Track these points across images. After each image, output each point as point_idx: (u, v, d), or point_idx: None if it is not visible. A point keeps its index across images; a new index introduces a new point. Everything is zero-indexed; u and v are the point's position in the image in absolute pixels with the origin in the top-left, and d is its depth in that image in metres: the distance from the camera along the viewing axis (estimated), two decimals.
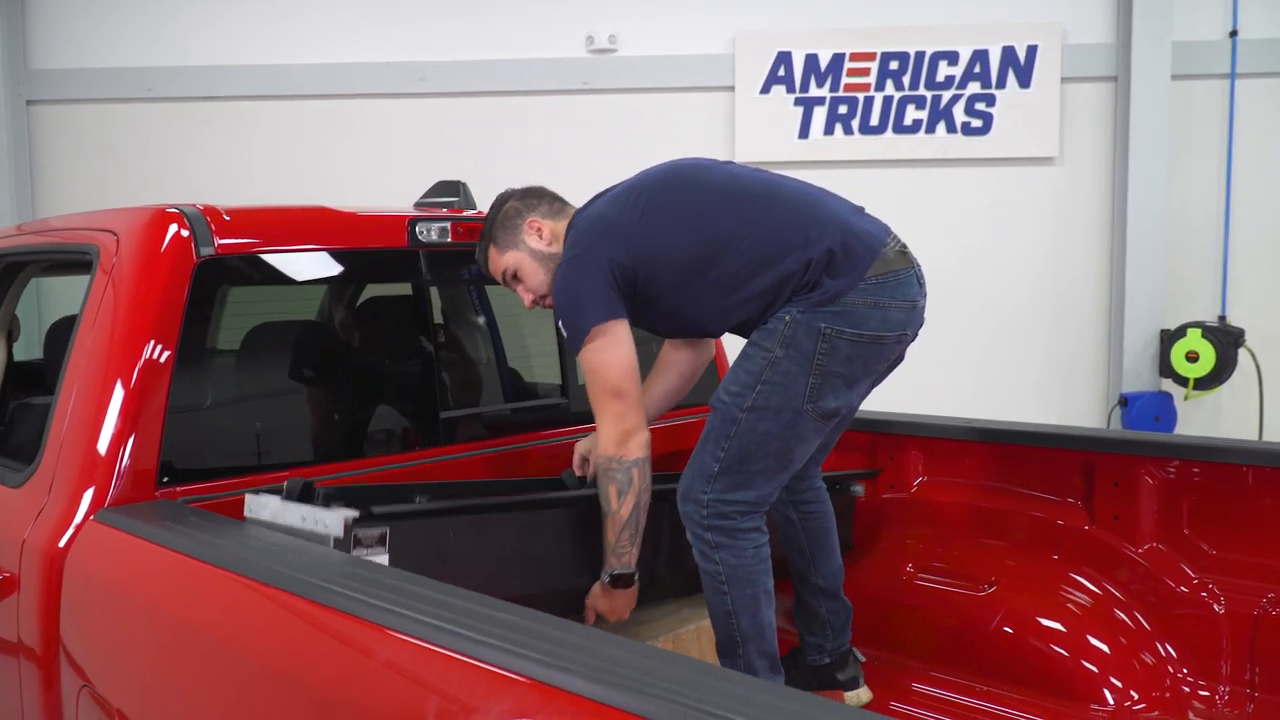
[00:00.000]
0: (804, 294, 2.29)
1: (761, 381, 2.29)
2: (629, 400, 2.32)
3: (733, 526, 2.33)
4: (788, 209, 2.37)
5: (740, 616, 2.34)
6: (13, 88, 7.21)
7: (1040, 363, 6.97)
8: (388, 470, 2.50)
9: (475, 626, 1.32)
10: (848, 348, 2.27)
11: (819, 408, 2.30)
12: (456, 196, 2.91)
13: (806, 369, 2.27)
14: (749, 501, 2.34)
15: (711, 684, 1.13)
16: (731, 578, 2.33)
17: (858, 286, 2.28)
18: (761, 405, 2.29)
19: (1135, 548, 2.73)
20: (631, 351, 2.35)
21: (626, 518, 2.32)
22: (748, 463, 2.31)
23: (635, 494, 2.31)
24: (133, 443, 2.14)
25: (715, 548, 2.33)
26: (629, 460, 2.30)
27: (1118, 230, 6.77)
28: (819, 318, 2.27)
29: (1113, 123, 6.79)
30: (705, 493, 2.33)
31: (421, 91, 7.08)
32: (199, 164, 7.22)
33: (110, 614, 1.94)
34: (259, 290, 2.57)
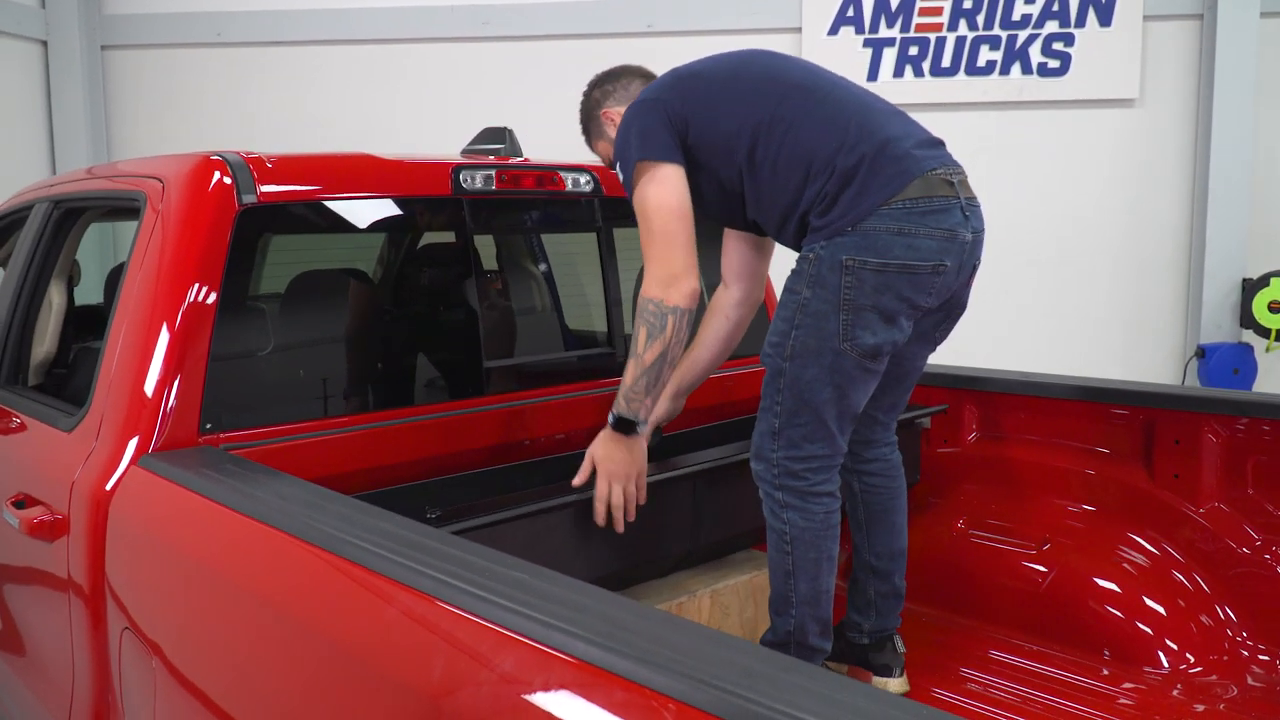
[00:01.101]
0: (823, 209, 2.19)
1: (795, 327, 2.22)
2: (677, 243, 2.22)
3: (804, 488, 2.26)
4: (837, 109, 2.26)
5: (799, 579, 2.28)
6: (88, 33, 7.32)
7: (1115, 313, 6.77)
8: (429, 419, 2.50)
9: (486, 585, 1.31)
10: (874, 278, 2.15)
11: (857, 345, 2.19)
12: (503, 144, 2.87)
13: (835, 305, 2.17)
14: (818, 456, 2.25)
15: (717, 653, 1.11)
16: (797, 539, 2.26)
17: (879, 210, 2.15)
18: (800, 351, 2.21)
19: (1196, 507, 2.64)
20: (684, 194, 2.26)
21: (649, 364, 2.23)
22: (803, 413, 2.23)
23: (664, 343, 2.21)
24: (176, 388, 2.17)
25: (785, 507, 2.27)
26: (668, 306, 2.20)
27: (1199, 175, 6.51)
28: (840, 250, 2.16)
29: (1197, 62, 6.49)
30: (773, 450, 2.26)
31: (485, 35, 7.03)
32: (267, 109, 7.29)
33: (148, 558, 1.98)
34: (302, 238, 2.57)
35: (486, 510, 2.08)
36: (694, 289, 2.22)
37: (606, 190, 2.93)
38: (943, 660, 2.66)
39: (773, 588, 2.35)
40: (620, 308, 2.99)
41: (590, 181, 2.89)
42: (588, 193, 2.89)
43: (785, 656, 1.12)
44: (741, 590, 2.59)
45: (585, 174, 2.88)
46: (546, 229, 3.09)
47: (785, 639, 2.32)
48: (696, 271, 2.24)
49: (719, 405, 3.13)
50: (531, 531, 2.15)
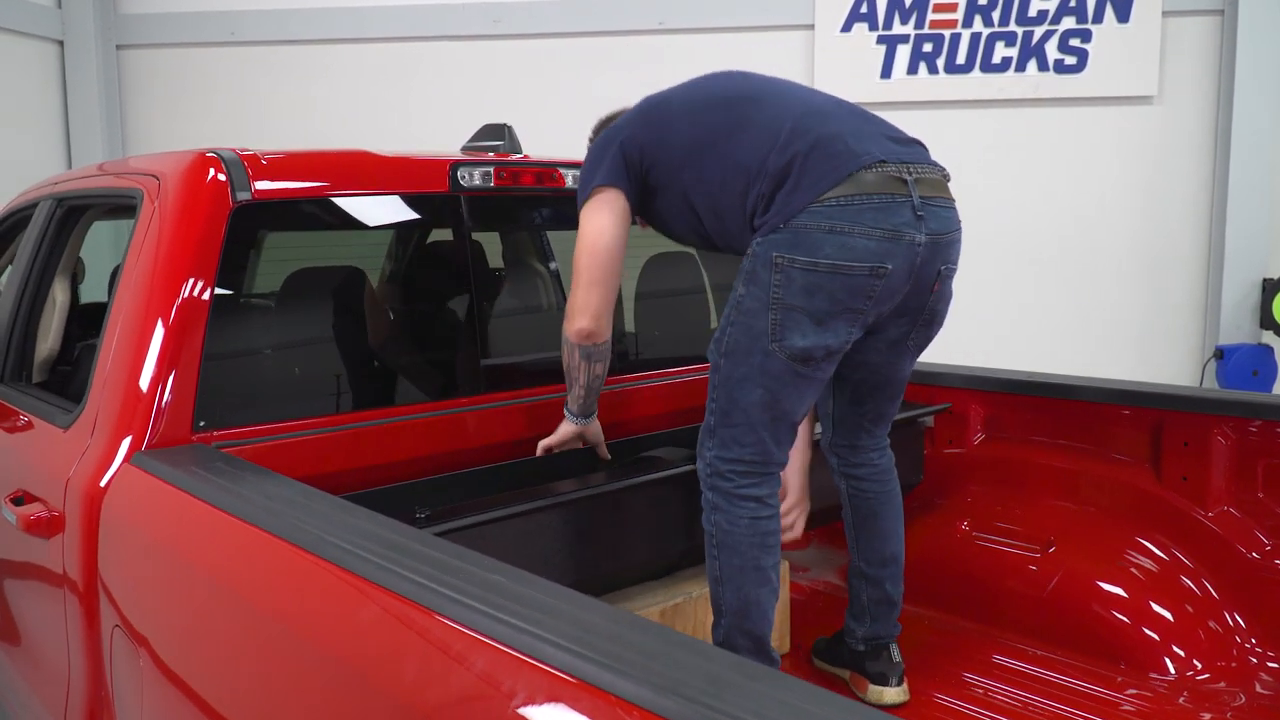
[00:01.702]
0: (762, 209, 2.15)
1: (730, 323, 2.18)
2: (581, 281, 2.32)
3: (729, 489, 2.18)
4: (778, 112, 2.19)
5: (725, 586, 2.20)
6: (103, 32, 7.36)
7: (1132, 313, 6.69)
8: (425, 418, 2.49)
9: (459, 587, 1.28)
10: (802, 277, 2.05)
11: (785, 347, 2.10)
12: (502, 140, 2.85)
13: (765, 304, 2.10)
14: (744, 460, 2.17)
15: (687, 659, 1.08)
16: (722, 544, 2.19)
17: (809, 207, 2.05)
18: (731, 348, 2.17)
19: (1205, 511, 2.59)
20: (612, 226, 2.32)
21: (564, 372, 2.44)
22: (734, 414, 2.17)
23: (565, 363, 2.42)
24: (170, 386, 2.16)
25: (713, 509, 2.21)
26: (563, 334, 2.39)
27: (1219, 173, 6.42)
28: (771, 246, 2.09)
29: (1217, 59, 6.41)
30: (708, 449, 2.22)
31: (495, 33, 7.02)
32: (280, 107, 7.30)
33: (137, 556, 1.97)
34: (297, 235, 2.56)
35: (476, 510, 2.06)
36: (580, 328, 2.33)
37: None
38: (945, 664, 2.62)
39: (710, 595, 2.29)
40: (621, 306, 2.97)
41: None
42: None
43: (756, 664, 1.09)
44: None
45: None
46: (546, 226, 3.07)
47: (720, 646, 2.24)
48: (590, 314, 2.33)
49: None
50: (523, 531, 2.13)
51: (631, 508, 2.34)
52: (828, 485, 2.81)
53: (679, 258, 3.24)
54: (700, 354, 3.15)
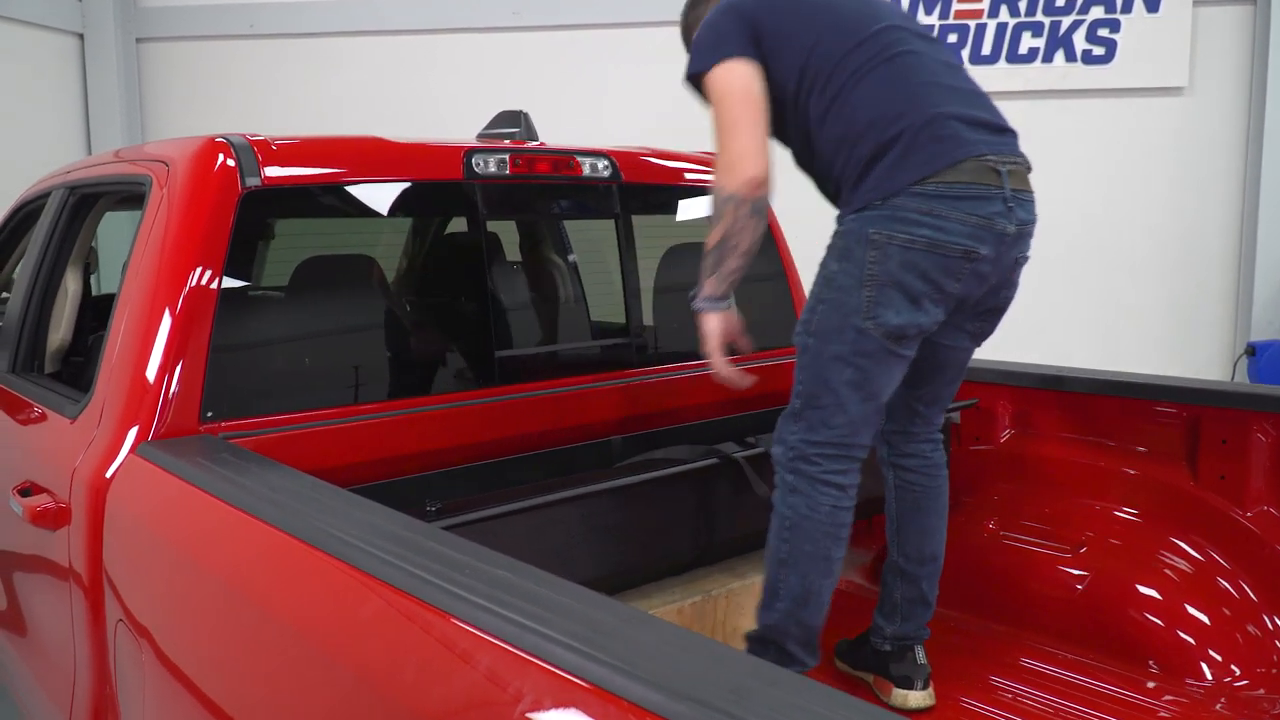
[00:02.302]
0: (854, 180, 2.13)
1: (820, 301, 2.14)
2: (738, 128, 2.14)
3: (814, 474, 2.14)
4: (902, 72, 2.15)
5: (791, 571, 2.15)
6: (123, 25, 7.36)
7: (1162, 308, 6.57)
8: (437, 410, 2.43)
9: (464, 583, 1.22)
10: (900, 254, 2.05)
11: (880, 324, 2.08)
12: (518, 128, 2.79)
13: (859, 280, 2.08)
14: (831, 444, 2.13)
15: (702, 663, 1.02)
16: (797, 527, 2.14)
17: (910, 189, 2.06)
18: (823, 327, 2.12)
19: (1243, 511, 2.50)
20: (750, 82, 2.17)
21: (710, 248, 2.21)
22: (824, 395, 2.12)
23: (723, 230, 2.17)
24: (177, 376, 2.12)
25: (792, 491, 2.16)
26: (724, 193, 2.15)
27: (1251, 166, 6.29)
28: (867, 223, 2.08)
29: (1250, 50, 6.28)
30: (791, 433, 2.17)
31: (516, 25, 6.97)
32: (300, 100, 7.28)
33: (143, 550, 1.92)
34: (309, 222, 2.50)
35: (487, 504, 2.01)
36: (751, 176, 2.12)
37: (625, 176, 2.84)
38: (972, 667, 2.54)
39: (766, 578, 2.23)
40: (638, 298, 2.90)
41: (609, 167, 2.80)
42: (606, 178, 2.80)
43: (779, 670, 1.02)
44: (758, 591, 2.48)
45: (603, 159, 2.79)
46: (562, 216, 3.01)
47: (765, 636, 2.21)
48: (760, 158, 2.13)
49: (734, 400, 3.03)
50: (535, 526, 2.07)
51: (649, 503, 2.27)
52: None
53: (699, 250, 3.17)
54: None
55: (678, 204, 3.13)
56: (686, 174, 3.10)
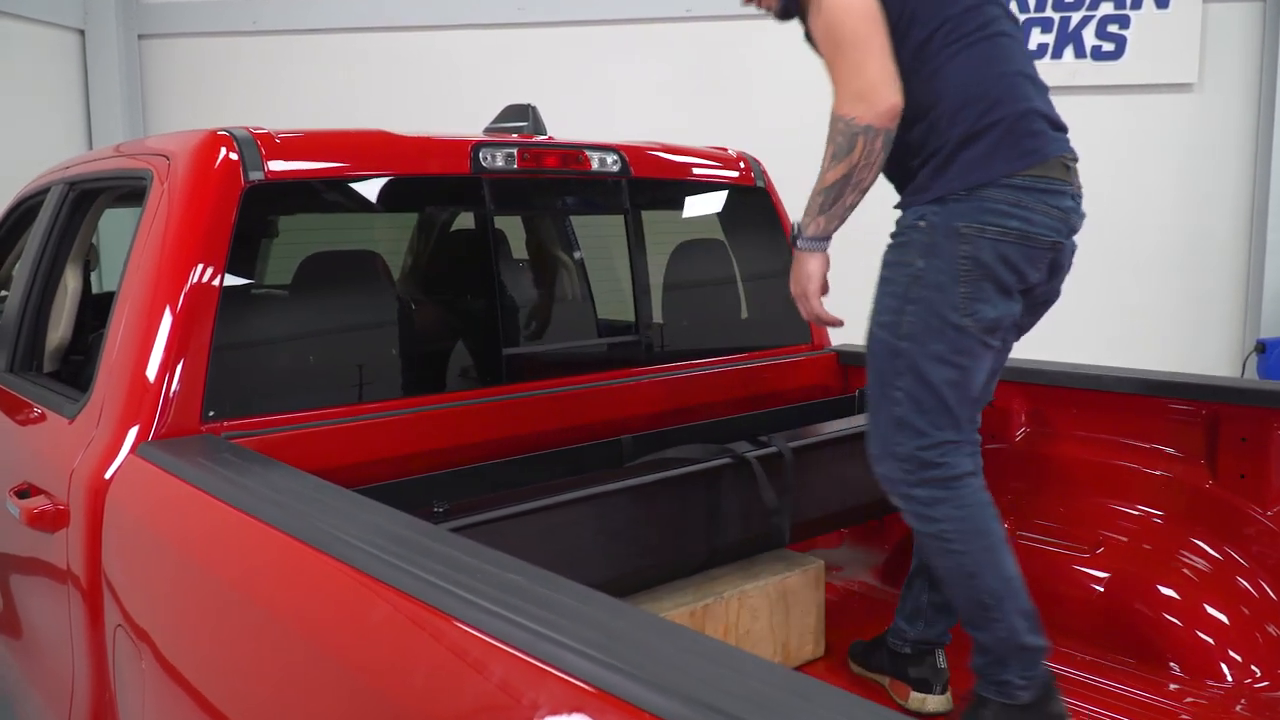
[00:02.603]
0: (940, 164, 2.03)
1: (909, 301, 2.04)
2: (870, 50, 1.98)
3: (946, 474, 2.06)
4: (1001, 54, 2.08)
5: (984, 575, 2.06)
6: (125, 22, 7.31)
7: (1171, 305, 6.52)
8: (444, 409, 2.39)
9: (476, 588, 1.18)
10: (991, 246, 2.01)
11: (979, 320, 2.03)
12: (526, 121, 2.75)
13: (954, 275, 2.01)
14: (947, 441, 2.06)
15: (726, 673, 0.97)
16: (961, 533, 2.05)
17: (1000, 181, 2.01)
18: (915, 329, 2.03)
19: (1263, 510, 2.45)
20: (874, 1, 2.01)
21: (828, 184, 2.05)
22: (927, 398, 2.05)
23: (849, 164, 2.02)
24: (178, 374, 2.08)
25: (932, 504, 2.06)
26: (858, 125, 1.98)
27: (1261, 162, 6.23)
28: (955, 216, 2.01)
29: (1260, 45, 6.22)
30: (900, 444, 2.07)
31: (520, 21, 6.92)
32: (303, 97, 7.23)
33: (143, 553, 1.88)
34: (313, 218, 2.46)
35: (496, 505, 1.96)
36: (892, 104, 1.99)
37: (635, 171, 2.80)
38: None
39: (959, 603, 2.13)
40: (649, 295, 2.86)
41: (618, 161, 2.76)
42: (615, 173, 2.76)
43: (798, 676, 0.98)
44: (772, 592, 2.44)
45: (613, 153, 2.75)
46: (571, 211, 2.96)
47: (997, 650, 2.09)
48: (896, 84, 2.00)
49: (747, 398, 2.99)
50: (545, 527, 2.03)
51: (661, 504, 2.23)
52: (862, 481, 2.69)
53: (710, 246, 3.13)
54: (730, 346, 3.04)
55: (688, 199, 3.08)
56: (697, 169, 3.06)
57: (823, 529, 2.91)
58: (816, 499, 2.58)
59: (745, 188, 3.16)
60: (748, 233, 3.20)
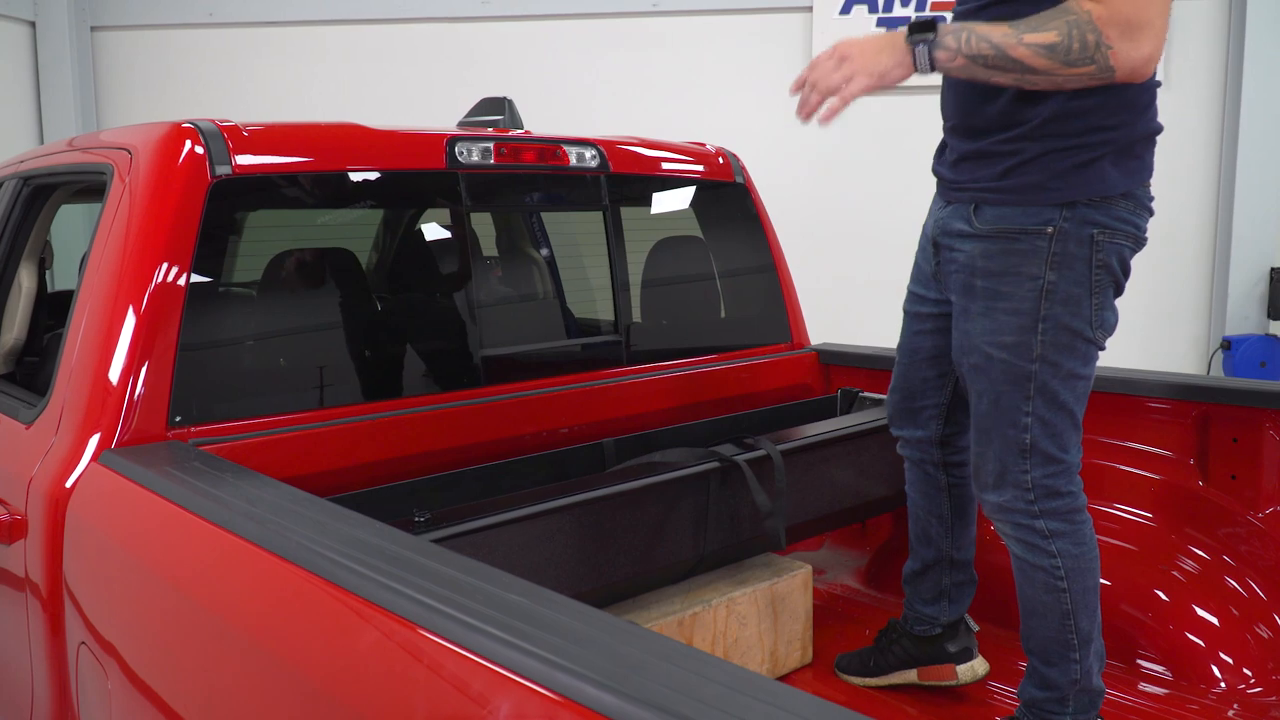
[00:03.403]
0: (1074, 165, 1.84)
1: (1041, 319, 1.89)
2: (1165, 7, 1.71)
3: (1069, 506, 1.96)
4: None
5: (1079, 616, 1.98)
6: (77, 14, 7.11)
7: (1138, 303, 6.52)
8: (420, 412, 2.30)
9: (475, 610, 1.10)
10: (1117, 251, 1.91)
11: (1107, 329, 1.95)
12: (501, 115, 2.67)
13: (1087, 287, 1.89)
14: (1070, 467, 1.98)
15: (752, 703, 0.90)
16: (1072, 571, 1.96)
17: (1134, 192, 1.91)
18: (1051, 349, 1.90)
19: (1255, 511, 2.43)
20: None
21: (1012, 56, 1.73)
22: (1058, 420, 1.93)
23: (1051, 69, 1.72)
24: (142, 378, 1.98)
25: (1051, 537, 1.96)
26: (1103, 55, 1.69)
27: (1226, 158, 6.28)
28: (1088, 223, 1.87)
29: (1225, 40, 6.26)
30: (1026, 472, 1.94)
31: (484, 15, 6.82)
32: (259, 90, 7.08)
33: (107, 566, 1.78)
34: (283, 214, 2.37)
35: (480, 513, 1.88)
36: (1150, 68, 1.74)
37: (614, 166, 2.73)
38: None
39: (1039, 637, 2.05)
40: (628, 294, 2.79)
41: (596, 156, 2.68)
42: (593, 169, 2.69)
43: (830, 706, 0.91)
44: (760, 599, 2.38)
45: (591, 148, 2.68)
46: (548, 207, 2.89)
47: (1065, 689, 2.03)
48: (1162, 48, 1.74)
49: (728, 398, 2.93)
50: (530, 536, 1.95)
51: (647, 509, 2.16)
52: (848, 483, 2.65)
53: (690, 243, 3.07)
54: (710, 345, 2.98)
55: (667, 195, 3.02)
56: (676, 164, 2.99)
57: (811, 533, 2.85)
58: (807, 502, 2.53)
59: (724, 184, 3.10)
60: (727, 229, 3.14)
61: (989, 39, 1.74)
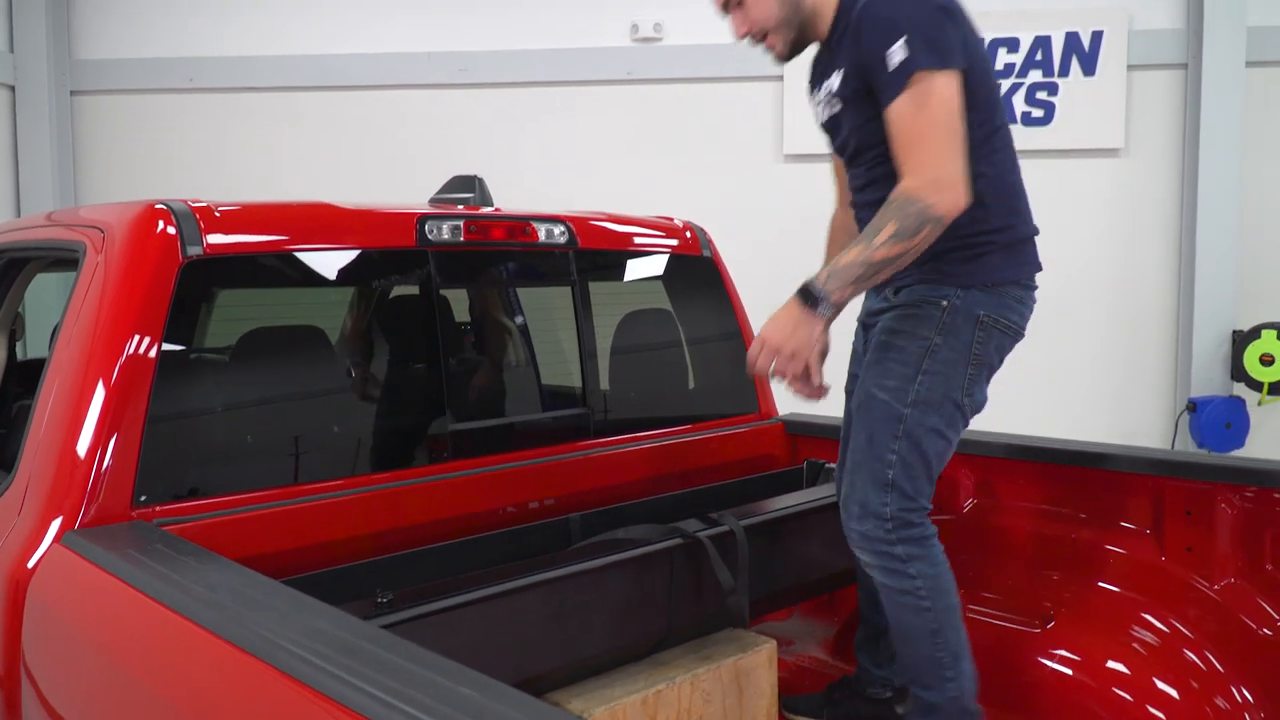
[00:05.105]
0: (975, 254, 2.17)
1: (922, 372, 2.16)
2: (957, 145, 2.01)
3: (919, 535, 2.19)
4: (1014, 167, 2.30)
5: (946, 632, 2.18)
6: (57, 79, 7.16)
7: (1104, 365, 6.64)
8: (389, 488, 2.32)
9: (425, 705, 1.12)
10: (999, 338, 2.20)
11: (974, 402, 2.21)
12: (472, 193, 2.71)
13: (965, 358, 2.17)
14: (922, 507, 2.21)
15: None
16: (933, 590, 2.17)
17: (1020, 280, 2.22)
18: (925, 399, 2.15)
19: (1210, 583, 2.46)
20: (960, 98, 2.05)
21: (876, 260, 2.01)
22: (917, 464, 2.17)
23: (907, 247, 1.99)
24: (108, 457, 1.99)
25: (908, 561, 2.17)
26: (931, 213, 1.98)
27: (1187, 225, 6.41)
28: (976, 304, 2.17)
29: (1182, 112, 6.43)
30: (885, 504, 2.16)
31: (463, 82, 6.92)
32: (239, 155, 7.13)
33: (67, 651, 1.78)
34: (253, 293, 2.40)
35: (442, 593, 1.90)
36: (962, 203, 2.02)
37: (582, 242, 2.77)
38: None
39: (916, 661, 2.23)
40: (596, 367, 2.82)
41: (565, 232, 2.73)
42: (562, 244, 2.74)
43: None
44: (725, 674, 2.39)
45: (560, 225, 2.73)
46: (518, 283, 2.93)
47: (947, 711, 2.20)
48: (969, 184, 2.03)
49: (695, 469, 2.96)
50: (492, 616, 1.96)
51: (612, 587, 2.18)
52: (815, 555, 2.67)
53: (658, 316, 3.11)
54: (678, 416, 3.01)
55: (634, 270, 3.07)
56: (643, 239, 3.05)
57: (777, 606, 2.87)
58: (771, 576, 2.55)
59: (691, 257, 3.15)
60: (695, 302, 3.19)
61: (854, 262, 2.04)
